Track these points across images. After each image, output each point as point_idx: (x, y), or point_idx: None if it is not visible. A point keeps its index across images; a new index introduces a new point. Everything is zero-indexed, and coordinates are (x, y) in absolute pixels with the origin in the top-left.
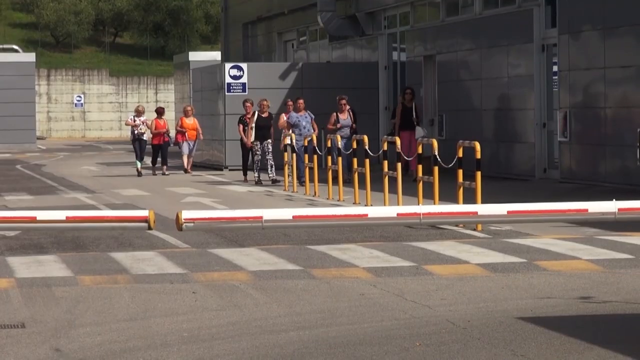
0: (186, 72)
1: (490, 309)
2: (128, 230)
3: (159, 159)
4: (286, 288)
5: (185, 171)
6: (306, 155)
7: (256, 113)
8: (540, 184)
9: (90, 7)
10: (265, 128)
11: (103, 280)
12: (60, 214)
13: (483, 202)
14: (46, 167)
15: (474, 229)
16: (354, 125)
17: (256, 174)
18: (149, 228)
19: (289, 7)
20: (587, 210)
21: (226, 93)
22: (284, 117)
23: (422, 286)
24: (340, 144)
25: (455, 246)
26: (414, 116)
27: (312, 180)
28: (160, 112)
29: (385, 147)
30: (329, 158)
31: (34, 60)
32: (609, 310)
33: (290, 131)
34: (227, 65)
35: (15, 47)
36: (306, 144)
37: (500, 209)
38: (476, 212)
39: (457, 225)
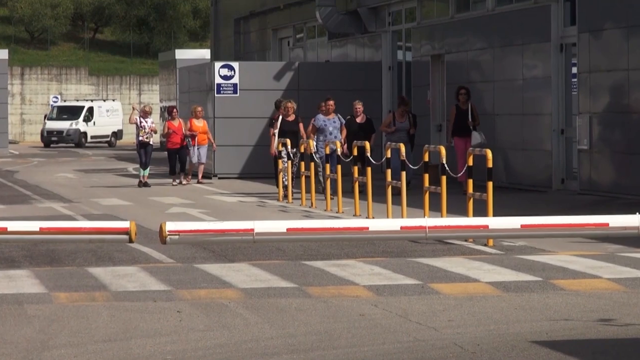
0: (172, 71)
1: (501, 332)
2: (107, 242)
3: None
4: (279, 307)
5: (198, 181)
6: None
7: (280, 117)
8: (558, 195)
9: (68, 0)
10: (291, 133)
11: (80, 298)
12: (34, 225)
13: (495, 215)
14: (19, 173)
15: (485, 245)
16: (412, 129)
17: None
18: (130, 241)
19: (284, 1)
20: (608, 224)
21: (216, 94)
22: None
23: (427, 306)
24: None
25: (464, 263)
26: (470, 119)
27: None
28: (172, 112)
29: (389, 155)
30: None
31: (7, 57)
32: (631, 334)
33: (314, 136)
34: (217, 65)
35: None
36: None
37: (513, 222)
38: (487, 226)
39: (466, 240)
